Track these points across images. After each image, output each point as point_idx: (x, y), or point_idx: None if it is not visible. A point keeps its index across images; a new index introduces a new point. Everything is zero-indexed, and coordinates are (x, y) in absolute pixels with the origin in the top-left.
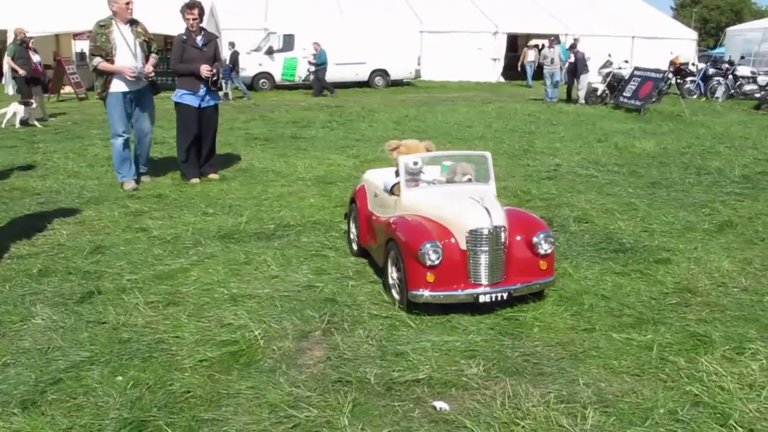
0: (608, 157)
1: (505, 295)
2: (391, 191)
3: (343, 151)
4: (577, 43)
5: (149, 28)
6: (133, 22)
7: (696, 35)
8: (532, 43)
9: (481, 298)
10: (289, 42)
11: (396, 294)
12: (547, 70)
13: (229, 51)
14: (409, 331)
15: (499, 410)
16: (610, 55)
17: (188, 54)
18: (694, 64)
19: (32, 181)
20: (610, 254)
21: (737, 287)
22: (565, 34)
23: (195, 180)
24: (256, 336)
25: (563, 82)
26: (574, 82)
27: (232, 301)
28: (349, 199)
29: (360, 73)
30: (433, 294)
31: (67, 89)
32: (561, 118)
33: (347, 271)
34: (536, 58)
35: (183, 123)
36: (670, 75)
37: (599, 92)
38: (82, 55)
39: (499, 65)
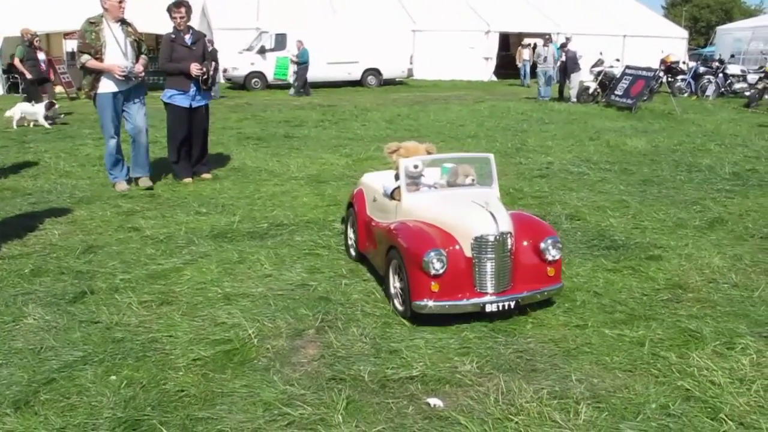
0: (600, 155)
1: (512, 304)
2: (391, 196)
3: (335, 150)
4: (569, 42)
5: (140, 28)
6: (123, 22)
7: (687, 34)
8: (527, 41)
9: (488, 308)
10: (281, 41)
11: (399, 305)
12: (540, 68)
13: (208, 49)
14: (403, 328)
15: (492, 406)
16: (602, 54)
17: (177, 53)
18: (684, 63)
19: (23, 181)
20: (602, 251)
21: (728, 283)
22: (557, 33)
23: (187, 179)
24: (250, 335)
25: (555, 81)
26: (566, 81)
27: (225, 300)
28: (347, 203)
29: (352, 72)
30: (438, 304)
31: (58, 89)
32: (553, 116)
33: (341, 269)
34: (531, 57)
35: (173, 124)
36: (661, 73)
37: (591, 91)
38: (73, 55)
39: (491, 64)
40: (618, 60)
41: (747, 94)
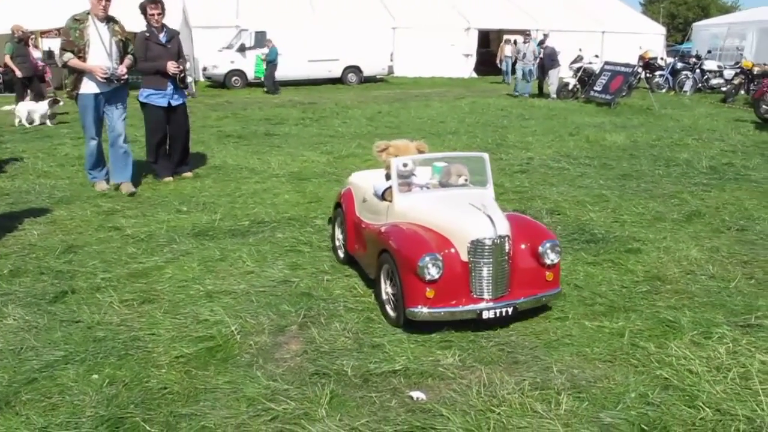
0: (580, 150)
1: (510, 310)
2: (382, 196)
3: (316, 147)
4: (546, 38)
5: (128, 27)
6: (110, 20)
7: (664, 30)
8: (509, 38)
9: (485, 314)
10: (261, 39)
11: (391, 311)
12: (520, 64)
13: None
14: (385, 323)
15: (475, 398)
16: (581, 50)
17: (152, 52)
18: (662, 59)
19: (0, 182)
20: (582, 245)
21: (705, 275)
22: (536, 30)
23: (168, 178)
24: (233, 331)
25: (535, 77)
26: (545, 78)
27: (207, 297)
28: (334, 203)
29: (333, 70)
30: (433, 311)
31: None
32: (533, 112)
33: (323, 265)
34: (513, 53)
35: (152, 124)
36: (640, 69)
37: (570, 86)
38: (50, 54)
39: (472, 61)
40: (597, 56)
41: (723, 89)
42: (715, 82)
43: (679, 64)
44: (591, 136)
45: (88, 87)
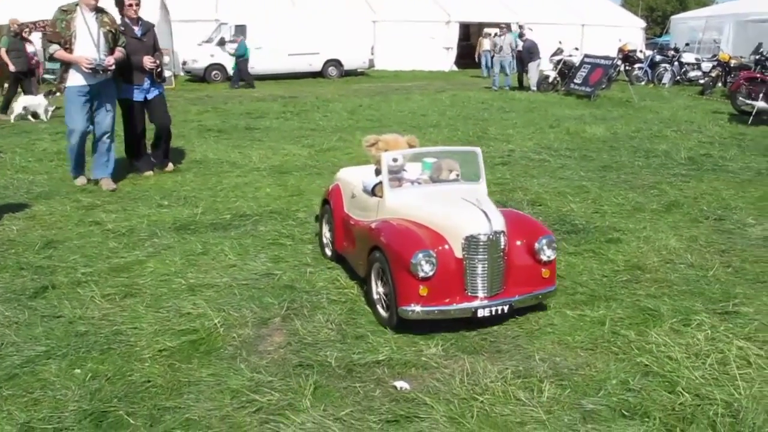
0: (560, 142)
1: (505, 308)
2: (372, 192)
3: (297, 141)
4: (522, 29)
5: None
6: (99, 11)
7: (643, 23)
8: (488, 31)
9: (480, 313)
10: (241, 32)
11: (382, 311)
12: (497, 58)
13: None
14: (368, 314)
15: (458, 387)
16: (561, 43)
17: (128, 45)
18: (641, 52)
19: None
20: (564, 235)
21: (684, 263)
22: (516, 23)
23: (148, 172)
24: (216, 324)
25: (515, 70)
26: (524, 71)
27: (190, 291)
28: (322, 199)
29: (313, 64)
30: (426, 309)
31: None
32: (514, 105)
33: (305, 258)
34: (492, 47)
35: (129, 119)
36: (619, 62)
37: (551, 79)
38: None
39: (452, 54)
40: (577, 49)
41: (701, 81)
42: (693, 74)
43: (658, 57)
44: (571, 129)
45: (75, 79)
